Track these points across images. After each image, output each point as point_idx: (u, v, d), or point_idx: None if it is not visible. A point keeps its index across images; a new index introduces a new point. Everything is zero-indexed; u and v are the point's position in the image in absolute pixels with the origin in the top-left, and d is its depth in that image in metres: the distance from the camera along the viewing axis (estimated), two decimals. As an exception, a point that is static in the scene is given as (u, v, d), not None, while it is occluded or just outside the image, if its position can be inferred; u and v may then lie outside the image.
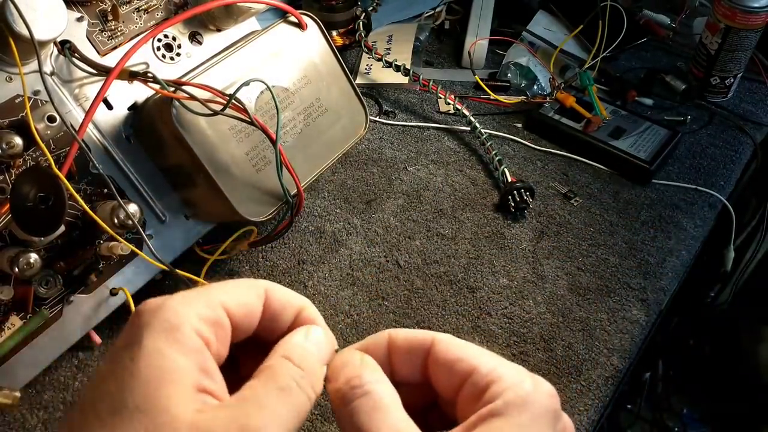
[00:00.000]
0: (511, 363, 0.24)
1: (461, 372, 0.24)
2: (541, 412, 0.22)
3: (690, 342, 1.20)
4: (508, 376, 0.23)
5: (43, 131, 0.43)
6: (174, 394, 0.20)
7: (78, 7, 0.49)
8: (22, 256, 0.43)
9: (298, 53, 0.54)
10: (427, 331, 0.25)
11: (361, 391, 0.23)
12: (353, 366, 0.24)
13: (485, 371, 0.23)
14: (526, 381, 0.23)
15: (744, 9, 0.73)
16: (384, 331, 0.26)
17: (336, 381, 0.24)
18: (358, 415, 0.22)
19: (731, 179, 0.72)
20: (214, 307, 0.23)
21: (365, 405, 0.22)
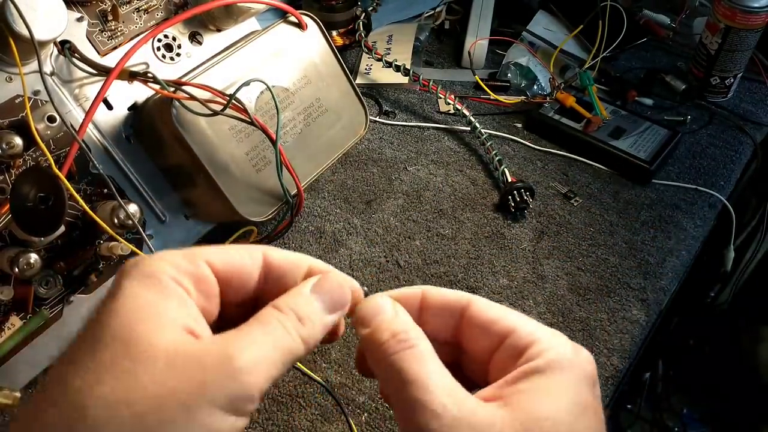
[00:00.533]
0: (549, 328, 0.24)
1: (499, 333, 0.24)
2: (582, 375, 0.22)
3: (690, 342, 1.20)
4: (548, 338, 0.23)
5: (43, 131, 0.43)
6: (154, 328, 0.20)
7: (78, 7, 0.49)
8: (22, 257, 0.43)
9: (298, 53, 0.54)
10: (463, 292, 0.25)
11: (407, 344, 0.22)
12: (391, 317, 0.24)
13: (525, 333, 0.23)
14: (567, 345, 0.23)
15: (744, 9, 0.73)
16: (418, 286, 0.26)
17: (368, 327, 0.24)
18: (403, 363, 0.22)
19: (731, 179, 0.72)
20: (194, 262, 0.23)
21: (411, 356, 0.22)
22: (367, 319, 0.24)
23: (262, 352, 0.21)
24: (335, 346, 0.54)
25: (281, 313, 0.23)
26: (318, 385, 0.51)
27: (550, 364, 0.22)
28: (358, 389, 0.51)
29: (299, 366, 0.52)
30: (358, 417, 0.50)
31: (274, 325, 0.22)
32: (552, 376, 0.22)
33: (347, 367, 0.53)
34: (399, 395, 0.22)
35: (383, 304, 0.24)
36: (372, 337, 0.23)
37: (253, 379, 0.20)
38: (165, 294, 0.22)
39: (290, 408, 0.50)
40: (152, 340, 0.20)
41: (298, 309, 0.23)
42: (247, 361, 0.20)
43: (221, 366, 0.20)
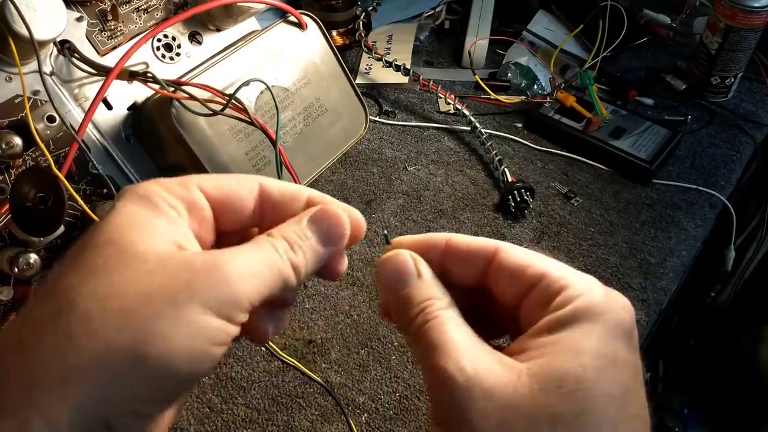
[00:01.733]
0: (581, 273, 0.23)
1: (529, 278, 0.23)
2: (613, 324, 0.21)
3: (690, 342, 1.20)
4: (579, 284, 0.22)
5: (42, 131, 0.43)
6: (145, 237, 0.21)
7: (77, 7, 0.49)
8: (21, 257, 0.43)
9: (298, 53, 0.54)
10: (490, 239, 0.25)
11: (430, 315, 0.22)
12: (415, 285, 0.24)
13: (555, 277, 0.23)
14: (598, 291, 0.22)
15: (744, 8, 0.73)
16: (443, 233, 0.25)
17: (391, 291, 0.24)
18: (425, 334, 0.22)
19: (732, 179, 0.72)
20: (187, 186, 0.23)
21: (434, 326, 0.22)
22: (390, 281, 0.24)
23: (253, 266, 0.21)
24: (335, 347, 0.54)
25: (272, 238, 0.23)
26: (318, 385, 0.51)
27: (576, 314, 0.21)
28: (358, 389, 0.51)
29: (299, 366, 0.52)
30: (358, 417, 0.50)
31: (265, 246, 0.22)
32: (576, 328, 0.21)
33: (347, 367, 0.53)
34: (422, 362, 0.22)
35: (406, 265, 0.24)
36: (397, 308, 0.24)
37: (241, 286, 0.21)
38: (157, 212, 0.22)
39: (290, 408, 0.50)
40: (142, 247, 0.21)
41: (288, 236, 0.23)
42: (236, 269, 0.21)
43: (211, 270, 0.20)
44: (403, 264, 0.24)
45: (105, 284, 0.20)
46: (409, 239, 0.26)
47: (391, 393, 0.51)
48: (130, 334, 0.19)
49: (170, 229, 0.22)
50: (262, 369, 0.52)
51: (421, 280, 0.24)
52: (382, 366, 0.53)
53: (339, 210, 0.25)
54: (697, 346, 1.20)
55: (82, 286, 0.20)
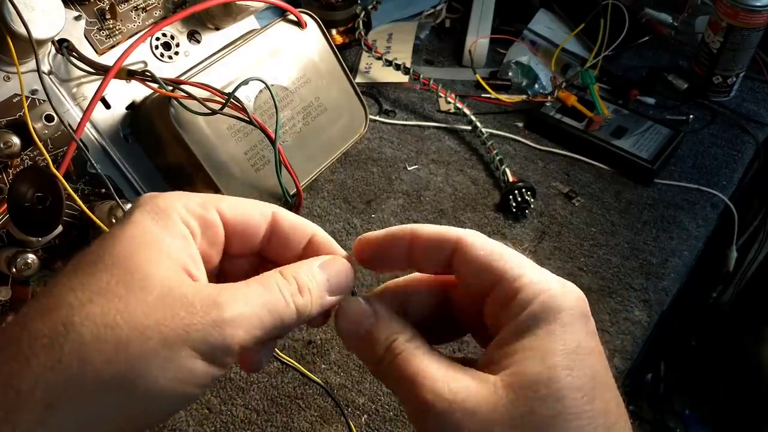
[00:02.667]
0: (538, 267, 0.24)
1: (489, 277, 0.23)
2: (574, 317, 0.22)
3: (692, 343, 1.19)
4: (536, 283, 0.23)
5: (40, 131, 0.43)
6: (153, 260, 0.21)
7: (76, 6, 0.48)
8: (19, 257, 0.43)
9: (298, 52, 0.54)
10: (453, 228, 0.25)
11: (393, 353, 0.23)
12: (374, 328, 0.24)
13: (513, 277, 0.23)
14: (554, 286, 0.23)
15: (746, 8, 0.72)
16: (407, 226, 0.26)
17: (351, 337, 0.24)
18: (393, 372, 0.23)
19: (734, 179, 0.72)
20: (206, 207, 0.24)
21: (400, 362, 0.23)
22: (350, 328, 0.25)
23: (250, 308, 0.21)
24: (334, 347, 0.54)
25: (283, 278, 0.23)
26: (317, 386, 0.51)
27: (536, 316, 0.22)
28: (358, 391, 0.51)
29: (298, 367, 0.52)
30: (358, 419, 0.50)
31: (271, 286, 0.23)
32: (539, 331, 0.21)
33: (347, 368, 0.52)
34: (400, 397, 0.23)
35: (360, 309, 0.25)
36: (363, 352, 0.24)
37: (236, 332, 0.21)
38: (171, 230, 0.22)
39: (289, 410, 0.50)
40: (149, 271, 0.21)
41: (300, 279, 0.24)
42: (233, 313, 0.21)
43: (209, 312, 0.21)
44: (357, 309, 0.25)
45: (104, 311, 0.20)
46: (376, 234, 0.26)
47: (391, 394, 0.51)
48: (120, 368, 0.19)
49: (181, 250, 0.22)
50: (262, 370, 0.52)
51: (380, 319, 0.25)
52: (382, 367, 0.52)
53: (348, 262, 0.26)
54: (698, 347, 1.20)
55: (82, 307, 0.20)
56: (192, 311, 0.20)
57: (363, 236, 0.27)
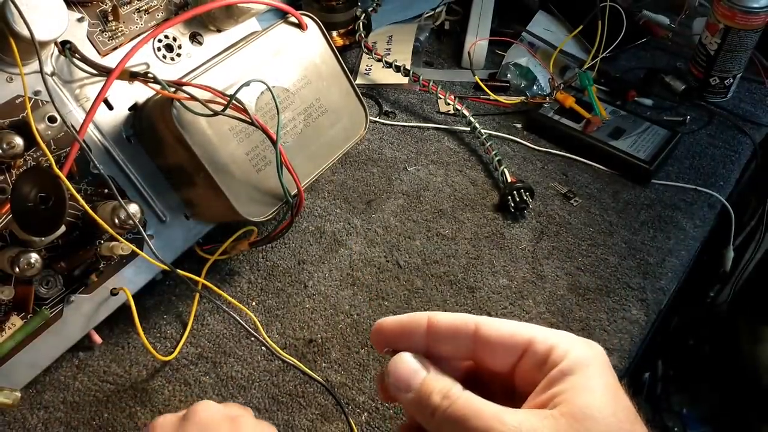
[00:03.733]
0: (561, 331, 0.26)
1: (518, 345, 0.26)
2: (603, 364, 0.25)
3: (689, 342, 1.20)
4: (565, 341, 0.25)
5: (43, 131, 0.44)
6: None
7: (79, 8, 0.49)
8: (22, 256, 0.43)
9: (299, 54, 0.54)
10: (468, 315, 0.27)
11: (454, 397, 0.25)
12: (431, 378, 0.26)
13: (542, 339, 0.26)
14: (581, 342, 0.26)
15: (743, 9, 0.73)
16: (423, 313, 0.27)
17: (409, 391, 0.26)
18: (457, 413, 0.24)
19: (731, 179, 0.72)
20: None
21: (461, 404, 0.24)
22: (404, 383, 0.26)
23: None
24: (335, 346, 0.54)
25: None
26: (318, 384, 0.51)
27: (575, 362, 0.24)
28: (358, 389, 0.51)
29: (299, 366, 0.52)
30: (358, 417, 0.50)
31: None
32: (581, 372, 0.24)
33: (347, 366, 0.53)
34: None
35: (413, 365, 0.26)
36: (422, 402, 0.26)
37: None
38: None
39: (290, 408, 0.50)
40: None
41: None
42: None
43: None
44: (410, 363, 0.26)
45: None
46: (392, 320, 0.28)
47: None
48: None
49: None
50: (263, 368, 0.53)
51: (432, 373, 0.26)
52: (382, 365, 0.53)
53: None
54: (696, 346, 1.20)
55: None
56: None
57: (378, 325, 0.28)
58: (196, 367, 0.52)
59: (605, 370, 0.25)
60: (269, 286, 0.59)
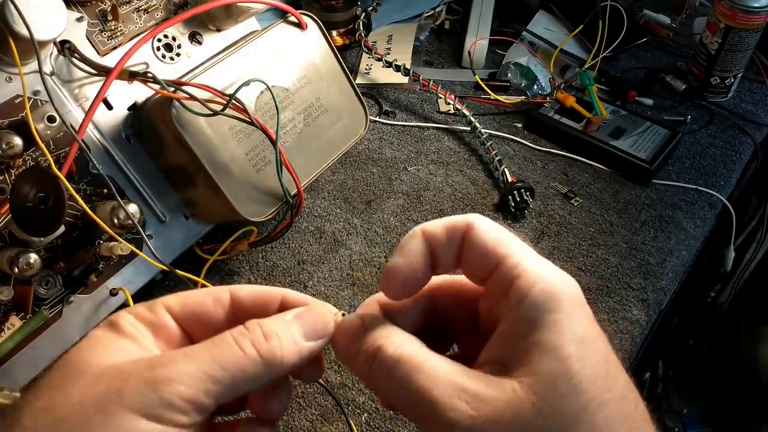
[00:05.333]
0: (539, 256, 0.23)
1: (491, 260, 0.23)
2: (573, 306, 0.22)
3: (690, 342, 1.20)
4: (535, 268, 0.23)
5: (42, 131, 0.43)
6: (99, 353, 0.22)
7: (78, 7, 0.49)
8: (21, 257, 0.43)
9: (298, 53, 0.54)
10: (459, 216, 0.25)
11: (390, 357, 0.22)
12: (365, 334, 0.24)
13: (514, 262, 0.23)
14: (554, 274, 0.23)
15: (744, 9, 0.73)
16: (416, 228, 0.25)
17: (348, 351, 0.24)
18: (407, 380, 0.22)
19: (731, 179, 0.72)
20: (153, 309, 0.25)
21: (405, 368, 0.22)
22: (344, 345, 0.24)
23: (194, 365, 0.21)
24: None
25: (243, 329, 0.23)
26: (318, 385, 0.51)
27: (540, 306, 0.21)
28: (358, 389, 0.51)
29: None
30: (358, 417, 0.50)
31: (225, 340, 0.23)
32: (545, 324, 0.21)
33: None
34: (407, 412, 0.22)
35: (351, 322, 0.25)
36: (358, 367, 0.24)
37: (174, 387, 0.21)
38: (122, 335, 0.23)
39: (290, 408, 0.50)
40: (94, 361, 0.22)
41: (265, 325, 0.23)
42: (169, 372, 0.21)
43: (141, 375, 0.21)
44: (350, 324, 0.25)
45: (46, 401, 0.21)
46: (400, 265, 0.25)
47: (391, 393, 0.51)
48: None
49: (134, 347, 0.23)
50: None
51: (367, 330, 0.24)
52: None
53: (326, 312, 0.25)
54: (696, 346, 1.20)
55: (28, 405, 0.21)
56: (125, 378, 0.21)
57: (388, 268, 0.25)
58: (195, 368, 0.52)
59: (576, 314, 0.22)
60: (269, 286, 0.58)
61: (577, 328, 0.21)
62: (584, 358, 0.21)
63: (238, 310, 0.25)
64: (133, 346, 0.23)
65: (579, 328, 0.21)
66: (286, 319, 0.24)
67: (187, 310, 0.25)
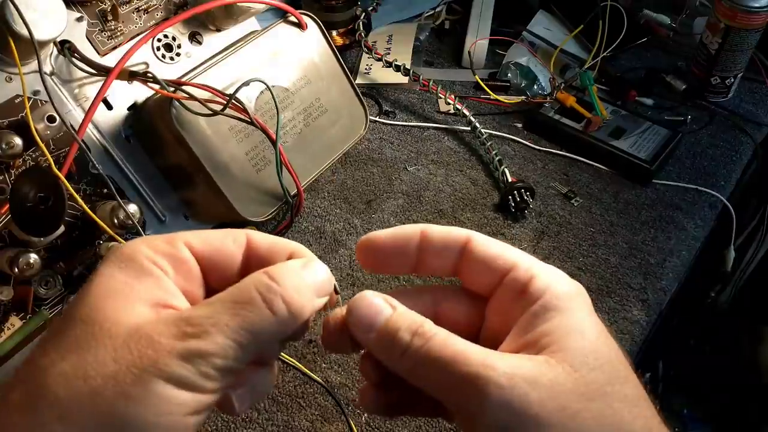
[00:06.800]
0: (543, 263, 0.24)
1: (500, 268, 0.24)
2: (588, 305, 0.23)
3: (690, 342, 1.20)
4: (546, 273, 0.24)
5: (42, 131, 0.43)
6: (121, 306, 0.21)
7: (78, 7, 0.49)
8: (21, 257, 0.43)
9: (298, 53, 0.54)
10: (462, 229, 0.25)
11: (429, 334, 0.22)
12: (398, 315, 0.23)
13: (524, 268, 0.24)
14: (564, 278, 0.24)
15: (744, 9, 0.73)
16: (416, 225, 0.25)
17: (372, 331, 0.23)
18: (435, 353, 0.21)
19: (731, 179, 0.72)
20: (172, 243, 0.23)
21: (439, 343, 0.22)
22: (367, 321, 0.23)
23: (226, 336, 0.21)
24: (335, 347, 0.54)
25: (271, 284, 0.22)
26: (318, 385, 0.51)
27: (559, 297, 0.23)
28: (359, 389, 0.51)
29: (299, 366, 0.52)
30: (358, 417, 0.50)
31: (255, 301, 0.21)
32: (567, 310, 0.22)
33: (347, 367, 0.53)
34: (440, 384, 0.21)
35: (378, 303, 0.24)
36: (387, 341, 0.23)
37: (209, 361, 0.20)
38: (140, 273, 0.22)
39: (290, 408, 0.50)
40: (118, 318, 0.21)
41: (288, 279, 0.22)
42: (202, 345, 0.20)
43: (174, 347, 0.20)
44: (377, 303, 0.24)
45: (75, 365, 0.20)
46: (383, 234, 0.26)
47: (391, 393, 0.51)
48: (102, 419, 0.19)
49: (153, 289, 0.22)
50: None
51: (398, 310, 0.23)
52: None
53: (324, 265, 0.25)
54: (697, 347, 1.20)
55: (53, 366, 0.20)
56: (158, 347, 0.20)
57: (367, 236, 0.26)
58: (195, 368, 0.52)
59: (592, 313, 0.23)
60: (269, 287, 0.58)
61: (596, 324, 0.23)
62: (606, 343, 0.22)
63: (252, 255, 0.25)
64: (154, 288, 0.22)
65: (597, 323, 0.23)
66: (301, 273, 0.23)
67: (208, 248, 0.24)
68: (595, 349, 0.21)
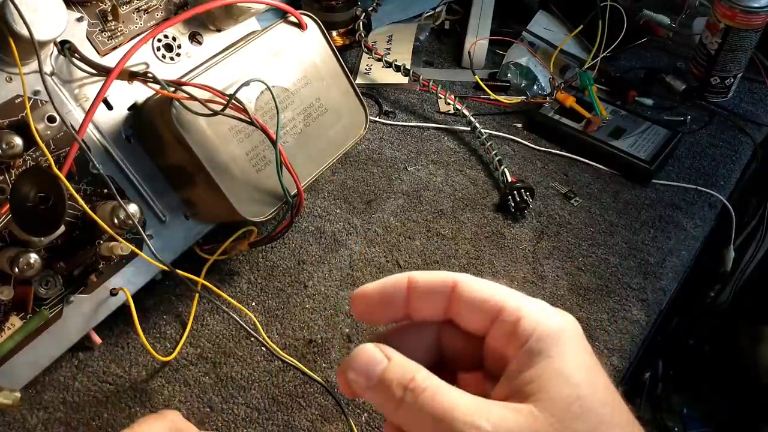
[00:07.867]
0: (532, 298, 0.25)
1: (489, 312, 0.24)
2: (576, 339, 0.23)
3: (690, 342, 1.20)
4: (533, 311, 0.24)
5: (43, 131, 0.43)
6: None
7: (78, 7, 0.49)
8: (22, 257, 0.43)
9: (298, 53, 0.54)
10: (447, 272, 0.25)
11: (419, 389, 0.22)
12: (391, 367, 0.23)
13: (511, 309, 0.24)
14: (551, 313, 0.24)
15: (744, 9, 0.73)
16: (403, 273, 0.26)
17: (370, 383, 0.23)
18: (426, 408, 0.22)
19: (731, 179, 0.72)
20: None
21: (428, 397, 0.22)
22: (363, 375, 0.23)
23: None
24: (335, 346, 0.54)
25: None
26: (318, 385, 0.51)
27: (546, 338, 0.23)
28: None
29: (299, 366, 0.52)
30: (358, 417, 0.50)
31: None
32: (552, 355, 0.22)
33: (347, 367, 0.53)
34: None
35: (372, 353, 0.24)
36: (378, 396, 0.23)
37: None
38: None
39: (290, 408, 0.50)
40: None
41: None
42: None
43: None
44: (369, 353, 0.24)
45: None
46: (372, 287, 0.26)
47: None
48: None
49: None
50: (263, 369, 0.53)
51: (392, 362, 0.23)
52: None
53: None
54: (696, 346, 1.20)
55: None
56: None
57: (359, 290, 0.26)
58: (195, 368, 0.52)
59: (579, 348, 0.23)
60: (269, 287, 0.59)
61: (582, 358, 0.23)
62: (593, 384, 0.22)
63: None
64: None
65: (583, 358, 0.23)
66: None
67: None
68: (580, 396, 0.22)
